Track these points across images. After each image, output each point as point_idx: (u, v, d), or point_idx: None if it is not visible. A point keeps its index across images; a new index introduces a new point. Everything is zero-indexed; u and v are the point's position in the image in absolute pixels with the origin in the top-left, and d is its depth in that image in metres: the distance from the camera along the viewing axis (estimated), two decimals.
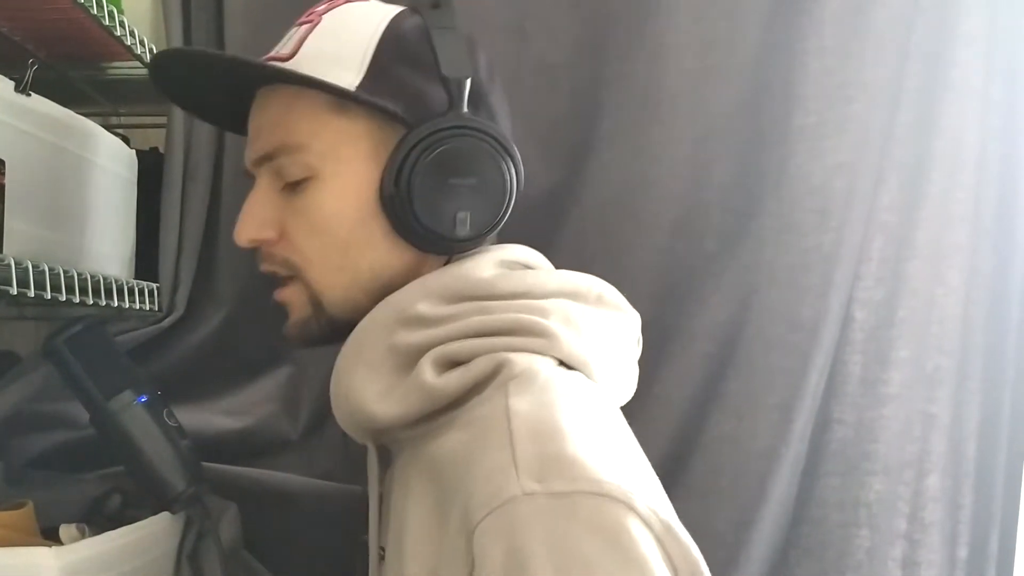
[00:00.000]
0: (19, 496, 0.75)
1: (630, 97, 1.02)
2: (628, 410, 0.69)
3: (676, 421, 1.01)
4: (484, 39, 0.72)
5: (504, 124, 0.67)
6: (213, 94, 0.70)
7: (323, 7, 0.66)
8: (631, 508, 0.48)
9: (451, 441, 0.56)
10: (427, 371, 0.58)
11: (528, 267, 0.67)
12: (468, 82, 0.62)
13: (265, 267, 0.67)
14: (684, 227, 1.02)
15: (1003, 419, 1.03)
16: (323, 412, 1.04)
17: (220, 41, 1.01)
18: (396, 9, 0.66)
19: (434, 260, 0.65)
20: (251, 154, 0.66)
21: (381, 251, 0.64)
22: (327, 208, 0.63)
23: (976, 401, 1.03)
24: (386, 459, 0.64)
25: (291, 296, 0.66)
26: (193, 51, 0.68)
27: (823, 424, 1.02)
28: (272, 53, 0.66)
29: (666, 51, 1.01)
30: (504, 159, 0.63)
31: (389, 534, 0.60)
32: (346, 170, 0.63)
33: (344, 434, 1.02)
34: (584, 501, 0.48)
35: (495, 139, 0.62)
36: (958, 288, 1.02)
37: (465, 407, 0.57)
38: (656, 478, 0.57)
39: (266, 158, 0.65)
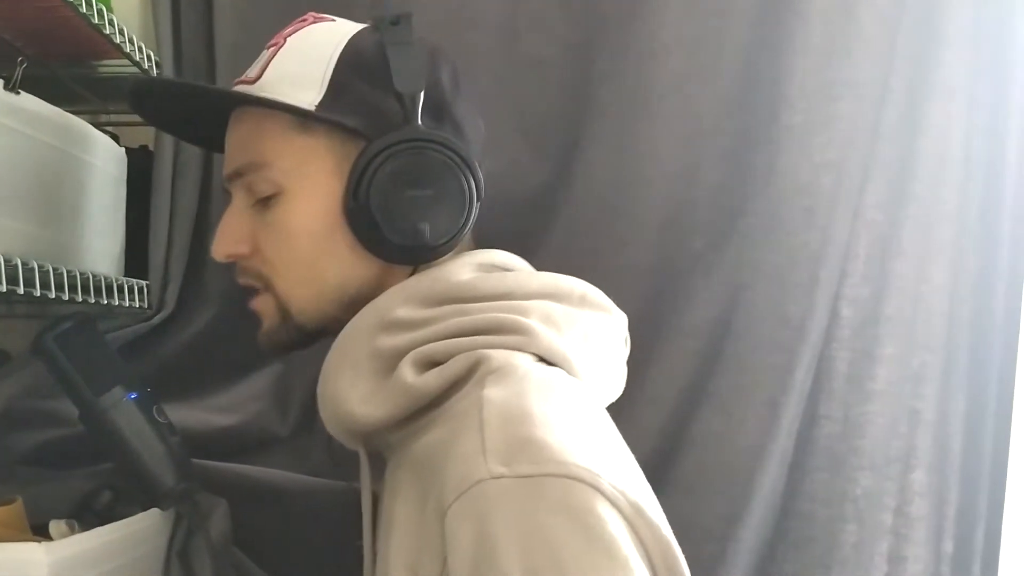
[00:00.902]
0: (8, 492, 0.75)
1: (619, 95, 1.02)
2: (617, 406, 0.70)
3: (665, 417, 1.01)
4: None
5: (472, 136, 0.69)
6: (192, 118, 0.73)
7: (290, 30, 0.69)
8: (598, 489, 0.49)
9: (433, 437, 0.57)
10: (407, 372, 0.59)
11: (507, 270, 0.68)
12: (421, 95, 0.64)
13: (241, 280, 0.70)
14: (673, 225, 1.02)
15: (988, 415, 1.04)
16: (313, 409, 1.03)
17: (209, 39, 1.01)
18: (357, 27, 0.68)
19: (400, 270, 0.67)
20: (224, 171, 0.70)
21: (346, 263, 0.66)
22: (293, 222, 0.65)
23: (961, 397, 1.04)
24: (379, 465, 0.66)
25: (261, 306, 0.69)
26: (161, 82, 0.73)
27: (810, 420, 1.03)
28: (242, 76, 0.69)
29: (655, 50, 1.02)
30: (460, 169, 0.64)
31: (380, 535, 0.61)
32: (311, 185, 0.65)
33: (328, 436, 1.03)
34: (551, 483, 0.49)
35: (449, 149, 0.64)
36: (944, 286, 1.03)
37: (445, 405, 0.59)
38: (635, 464, 0.58)
39: (236, 175, 0.68)
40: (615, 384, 0.70)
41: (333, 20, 0.70)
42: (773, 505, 1.03)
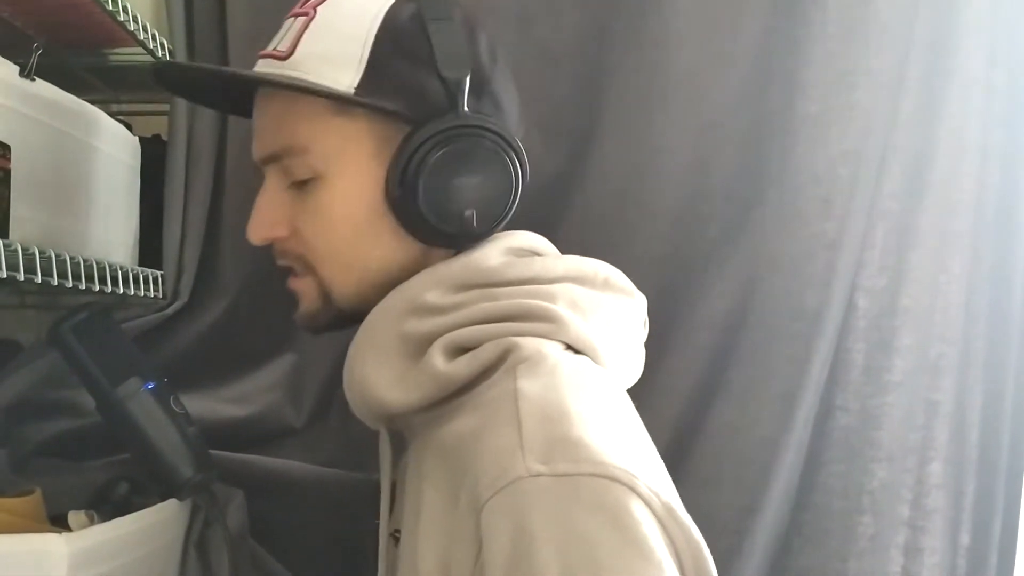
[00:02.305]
0: (26, 484, 0.75)
1: (633, 85, 1.02)
2: (632, 397, 0.69)
3: (680, 409, 1.01)
4: (487, 26, 0.71)
5: (509, 108, 0.67)
6: (217, 91, 0.72)
7: None
8: (633, 489, 0.49)
9: (462, 425, 0.57)
10: (437, 358, 0.59)
11: (536, 253, 0.67)
12: (467, 79, 0.62)
13: (280, 262, 0.69)
14: (687, 215, 1.02)
15: (1006, 406, 1.04)
16: (326, 400, 1.04)
17: (222, 27, 1.01)
18: None
19: (443, 253, 0.66)
20: (256, 153, 0.67)
21: (389, 247, 0.65)
22: (335, 208, 0.64)
23: (979, 389, 1.04)
24: (399, 444, 0.65)
25: (303, 287, 0.67)
26: (189, 67, 0.70)
27: (827, 412, 1.03)
28: (269, 49, 0.66)
29: (669, 39, 1.01)
30: (507, 154, 0.63)
31: (404, 517, 0.60)
32: (351, 170, 0.63)
33: (345, 421, 1.03)
34: (588, 482, 0.49)
35: (497, 135, 0.63)
36: (960, 276, 1.02)
37: (475, 391, 0.59)
38: (660, 462, 0.57)
39: (271, 158, 0.66)
40: (635, 367, 0.70)
41: None
42: (789, 497, 1.02)
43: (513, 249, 0.66)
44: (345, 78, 0.61)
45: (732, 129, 1.02)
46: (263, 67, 0.65)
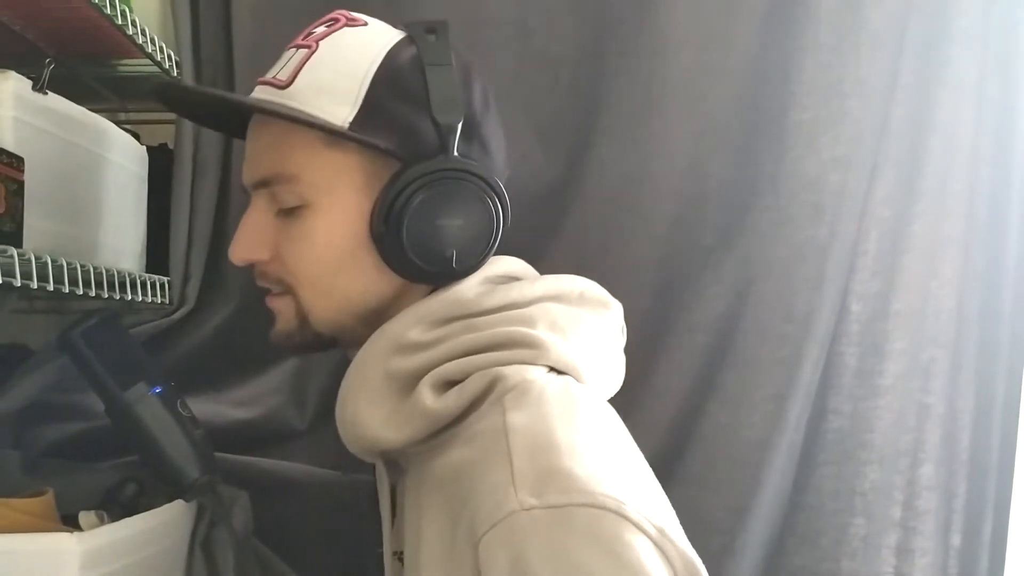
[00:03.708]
0: (38, 485, 0.76)
1: (630, 92, 1.03)
2: (626, 401, 0.71)
3: (673, 411, 1.02)
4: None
5: (496, 153, 0.69)
6: (216, 112, 0.74)
7: (321, 30, 0.67)
8: (623, 516, 0.50)
9: (454, 457, 0.59)
10: (426, 395, 0.61)
11: (514, 278, 0.69)
12: (460, 125, 0.64)
13: (260, 282, 0.70)
14: (682, 220, 1.04)
15: (996, 409, 1.05)
16: (330, 403, 1.03)
17: (228, 39, 1.02)
18: (393, 38, 0.66)
19: (422, 288, 0.67)
20: (247, 177, 0.69)
21: (369, 279, 0.66)
22: (319, 237, 0.65)
23: (970, 392, 1.05)
24: (395, 471, 0.67)
25: (280, 306, 0.69)
26: (190, 89, 0.72)
27: (820, 414, 1.04)
28: (269, 77, 0.67)
29: (665, 47, 1.03)
30: (491, 198, 0.65)
31: (406, 541, 0.62)
32: (339, 201, 0.65)
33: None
34: (579, 512, 0.50)
35: (482, 179, 0.65)
36: (952, 281, 1.04)
37: (464, 423, 0.60)
38: (652, 479, 0.59)
39: (261, 184, 0.67)
40: (616, 377, 0.72)
41: (365, 24, 0.68)
42: (782, 498, 1.04)
43: (490, 278, 0.68)
44: (341, 112, 0.63)
45: (726, 136, 1.04)
46: (261, 93, 0.67)
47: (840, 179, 1.01)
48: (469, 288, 0.66)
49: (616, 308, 0.71)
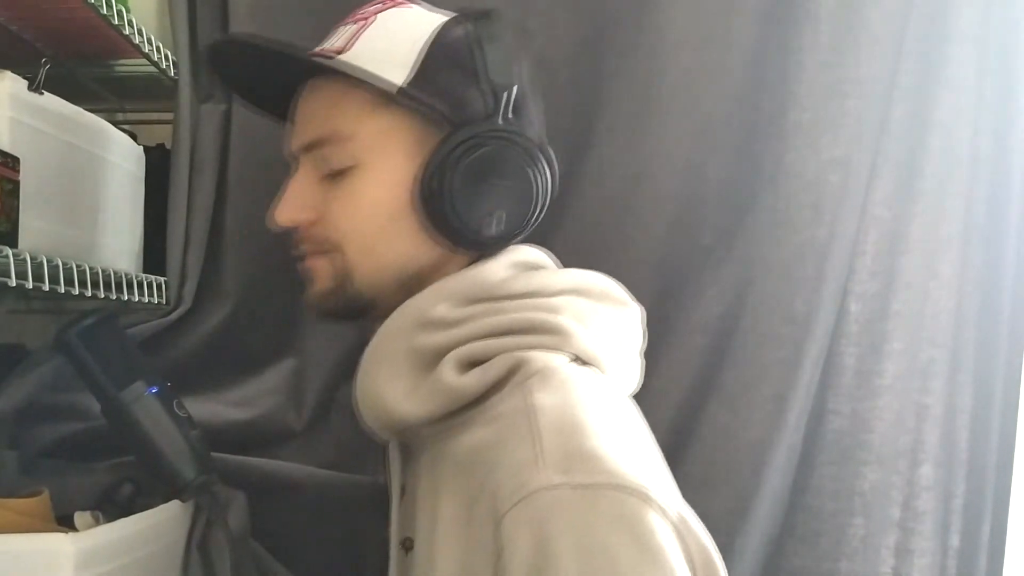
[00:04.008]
0: (34, 485, 0.76)
1: (629, 93, 1.03)
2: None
3: (673, 412, 1.02)
4: (530, 53, 0.72)
5: (539, 128, 0.70)
6: (262, 80, 0.72)
7: (375, 7, 0.69)
8: (648, 500, 0.51)
9: (476, 437, 0.59)
10: (449, 372, 0.61)
11: (538, 267, 0.70)
12: (513, 90, 0.65)
13: (301, 247, 0.70)
14: (681, 221, 1.04)
15: (994, 410, 1.05)
16: (326, 404, 1.06)
17: None
18: (447, 16, 0.68)
19: (460, 258, 0.68)
20: (297, 141, 0.69)
21: (412, 243, 0.66)
22: (368, 195, 0.66)
23: (968, 392, 1.05)
24: (406, 455, 0.67)
25: (318, 266, 0.69)
26: (249, 41, 0.69)
27: (819, 415, 1.04)
28: (323, 46, 0.68)
29: (664, 48, 1.03)
30: (538, 164, 0.66)
31: (417, 526, 0.62)
32: (388, 163, 0.66)
33: (345, 424, 1.04)
34: (605, 493, 0.51)
35: (534, 145, 0.66)
36: (951, 281, 1.04)
37: (486, 404, 0.60)
38: (668, 471, 0.60)
39: (312, 145, 0.67)
40: (635, 376, 0.72)
41: (410, 6, 0.69)
42: (781, 499, 1.04)
43: (518, 263, 0.68)
44: (396, 75, 0.64)
45: (725, 136, 1.04)
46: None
47: (839, 179, 1.01)
48: (496, 271, 0.66)
49: (637, 309, 0.71)
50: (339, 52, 0.66)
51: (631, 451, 0.55)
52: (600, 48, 1.04)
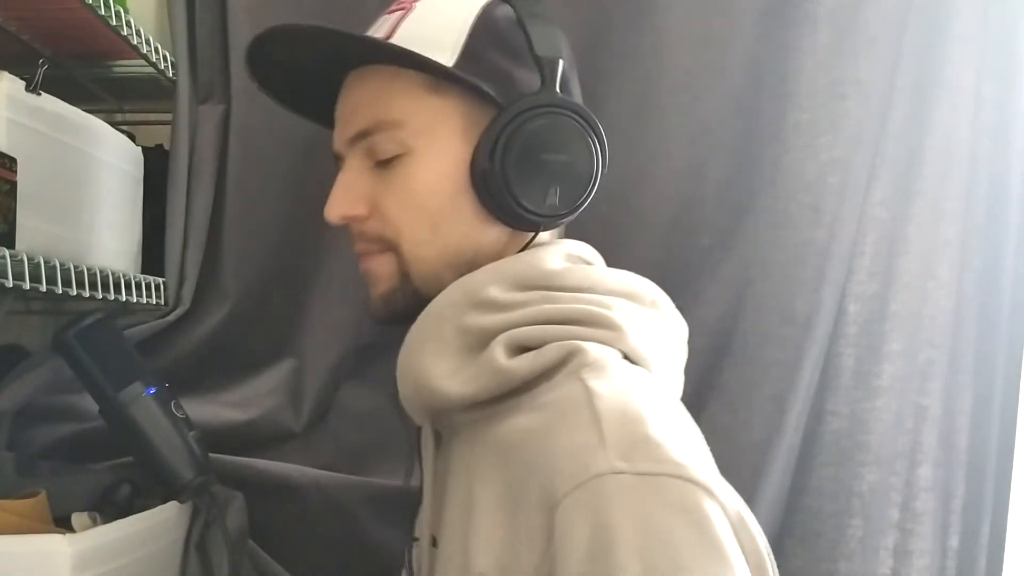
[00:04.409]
0: (32, 486, 0.76)
1: (627, 94, 1.04)
2: None
3: None
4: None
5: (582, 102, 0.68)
6: (301, 79, 0.70)
7: None
8: (711, 493, 0.50)
9: (521, 423, 0.57)
10: (499, 353, 0.59)
11: (589, 263, 0.68)
12: (560, 63, 0.64)
13: (358, 246, 0.68)
14: (680, 222, 1.04)
15: (993, 411, 1.05)
16: (325, 405, 1.06)
17: (224, 40, 1.02)
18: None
19: (517, 243, 0.66)
20: (345, 133, 0.67)
21: (469, 227, 0.65)
22: (421, 182, 0.64)
23: (967, 393, 1.05)
24: (437, 442, 0.65)
25: (379, 266, 0.67)
26: (298, 27, 0.65)
27: (817, 416, 1.04)
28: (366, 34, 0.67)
29: (663, 49, 1.03)
30: (593, 138, 0.64)
31: (446, 517, 0.61)
32: (439, 147, 0.64)
33: (343, 425, 1.04)
34: (670, 483, 0.50)
35: (583, 117, 0.64)
36: (949, 282, 1.04)
37: (534, 392, 0.58)
38: (716, 468, 0.57)
39: (361, 135, 0.66)
40: (678, 388, 0.70)
41: None
42: (780, 500, 1.04)
43: (572, 256, 0.67)
44: (443, 58, 0.63)
45: (724, 137, 1.04)
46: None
47: (839, 180, 1.01)
48: (552, 259, 0.64)
49: (682, 323, 0.69)
50: (384, 39, 0.65)
51: (691, 444, 0.54)
52: (599, 49, 1.04)
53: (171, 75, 1.00)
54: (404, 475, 0.77)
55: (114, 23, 0.85)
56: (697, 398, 1.03)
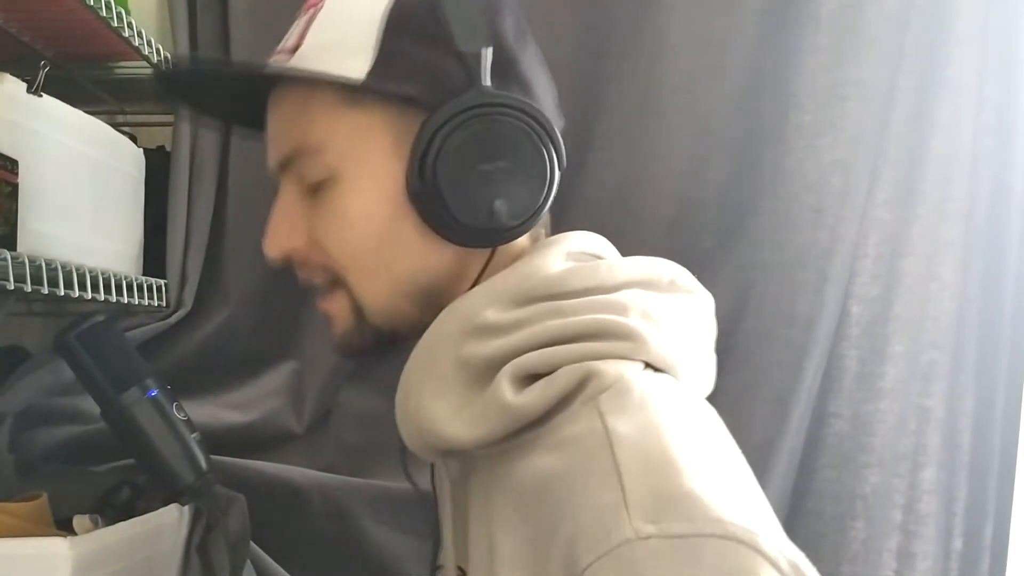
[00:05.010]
0: (33, 488, 0.76)
1: (628, 95, 1.04)
2: None
3: None
4: (520, 10, 0.69)
5: (543, 96, 0.60)
6: (225, 99, 0.66)
7: None
8: (758, 550, 0.43)
9: (540, 465, 0.51)
10: (506, 388, 0.52)
11: (596, 256, 0.61)
12: (488, 52, 0.55)
13: (303, 278, 0.63)
14: (681, 223, 1.03)
15: (996, 412, 1.05)
16: (326, 407, 1.06)
17: (226, 41, 1.02)
18: None
19: (478, 257, 0.58)
20: (271, 160, 0.62)
21: (416, 250, 0.58)
22: (352, 209, 0.58)
23: (970, 395, 1.05)
24: (454, 473, 0.60)
25: (334, 307, 0.61)
26: (194, 64, 0.65)
27: (820, 418, 1.04)
28: (278, 47, 0.62)
29: (664, 50, 1.03)
30: (537, 134, 0.56)
31: (471, 558, 0.56)
32: (368, 167, 0.57)
33: (345, 427, 1.04)
34: (707, 544, 0.43)
35: (524, 112, 0.55)
36: (952, 284, 1.04)
37: (550, 424, 0.52)
38: (762, 493, 0.51)
39: (285, 163, 0.60)
40: (711, 373, 0.63)
41: None
42: (782, 502, 1.03)
43: (573, 253, 0.60)
44: (356, 65, 0.55)
45: (725, 138, 1.04)
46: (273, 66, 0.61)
47: (841, 181, 1.01)
48: (551, 263, 0.57)
49: (707, 298, 0.62)
50: (292, 51, 0.58)
51: (731, 487, 0.47)
52: (600, 50, 1.04)
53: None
54: (405, 475, 0.74)
55: (115, 24, 0.85)
56: None
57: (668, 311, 0.57)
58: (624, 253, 1.01)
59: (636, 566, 0.43)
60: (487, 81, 0.55)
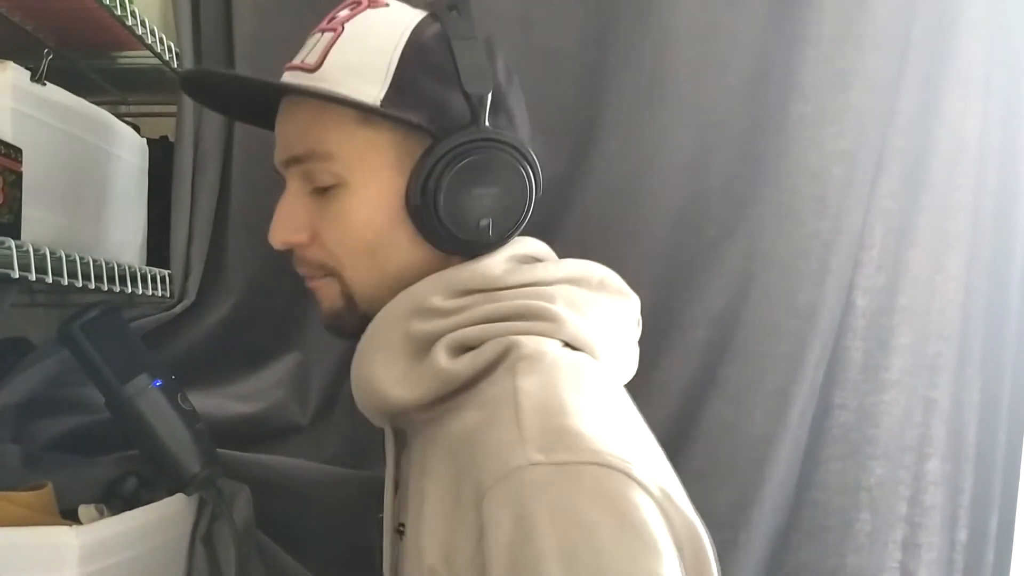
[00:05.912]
0: (38, 478, 0.76)
1: (633, 85, 1.03)
2: (629, 393, 0.71)
3: (675, 406, 1.02)
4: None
5: (521, 124, 0.70)
6: (243, 100, 0.74)
7: (345, 13, 0.68)
8: (630, 476, 0.51)
9: (465, 421, 0.59)
10: (441, 356, 0.62)
11: (537, 260, 0.71)
12: (489, 96, 0.65)
13: (300, 269, 0.71)
14: (685, 214, 1.03)
15: (1002, 404, 1.05)
16: (331, 398, 1.05)
17: (228, 32, 1.02)
18: (417, 16, 0.68)
19: (456, 259, 0.68)
20: (280, 156, 0.70)
21: (407, 253, 0.67)
22: (356, 215, 0.66)
23: (976, 386, 1.04)
24: (401, 441, 0.68)
25: (323, 287, 0.70)
26: (220, 75, 0.73)
27: (825, 409, 1.04)
28: (297, 62, 0.68)
29: (668, 40, 1.02)
30: (523, 166, 0.66)
31: (408, 511, 0.63)
32: (373, 179, 0.66)
33: (350, 418, 1.04)
34: (586, 470, 0.51)
35: (515, 149, 0.66)
36: (958, 275, 1.03)
37: (477, 389, 0.61)
38: (659, 451, 0.60)
39: (294, 161, 0.68)
40: (630, 364, 0.73)
41: (387, 4, 0.69)
42: (787, 494, 1.03)
43: (517, 257, 0.69)
44: (371, 90, 0.64)
45: (730, 129, 1.03)
46: (290, 78, 0.68)
47: (844, 172, 1.00)
48: (496, 264, 0.67)
49: (634, 300, 0.72)
50: (313, 69, 0.66)
51: (612, 429, 0.55)
52: (605, 41, 1.03)
53: (176, 66, 1.00)
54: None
55: (119, 14, 0.85)
56: (700, 391, 1.02)
57: (593, 304, 0.67)
58: (628, 243, 1.02)
59: (526, 487, 0.51)
60: (485, 121, 0.65)
